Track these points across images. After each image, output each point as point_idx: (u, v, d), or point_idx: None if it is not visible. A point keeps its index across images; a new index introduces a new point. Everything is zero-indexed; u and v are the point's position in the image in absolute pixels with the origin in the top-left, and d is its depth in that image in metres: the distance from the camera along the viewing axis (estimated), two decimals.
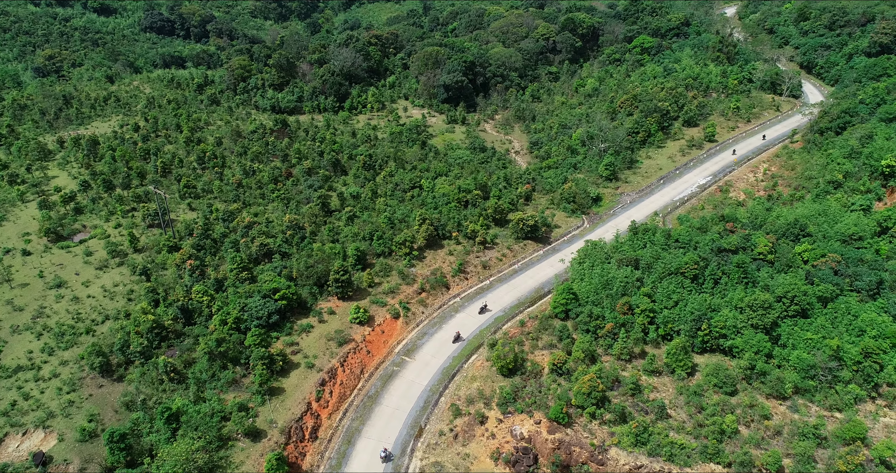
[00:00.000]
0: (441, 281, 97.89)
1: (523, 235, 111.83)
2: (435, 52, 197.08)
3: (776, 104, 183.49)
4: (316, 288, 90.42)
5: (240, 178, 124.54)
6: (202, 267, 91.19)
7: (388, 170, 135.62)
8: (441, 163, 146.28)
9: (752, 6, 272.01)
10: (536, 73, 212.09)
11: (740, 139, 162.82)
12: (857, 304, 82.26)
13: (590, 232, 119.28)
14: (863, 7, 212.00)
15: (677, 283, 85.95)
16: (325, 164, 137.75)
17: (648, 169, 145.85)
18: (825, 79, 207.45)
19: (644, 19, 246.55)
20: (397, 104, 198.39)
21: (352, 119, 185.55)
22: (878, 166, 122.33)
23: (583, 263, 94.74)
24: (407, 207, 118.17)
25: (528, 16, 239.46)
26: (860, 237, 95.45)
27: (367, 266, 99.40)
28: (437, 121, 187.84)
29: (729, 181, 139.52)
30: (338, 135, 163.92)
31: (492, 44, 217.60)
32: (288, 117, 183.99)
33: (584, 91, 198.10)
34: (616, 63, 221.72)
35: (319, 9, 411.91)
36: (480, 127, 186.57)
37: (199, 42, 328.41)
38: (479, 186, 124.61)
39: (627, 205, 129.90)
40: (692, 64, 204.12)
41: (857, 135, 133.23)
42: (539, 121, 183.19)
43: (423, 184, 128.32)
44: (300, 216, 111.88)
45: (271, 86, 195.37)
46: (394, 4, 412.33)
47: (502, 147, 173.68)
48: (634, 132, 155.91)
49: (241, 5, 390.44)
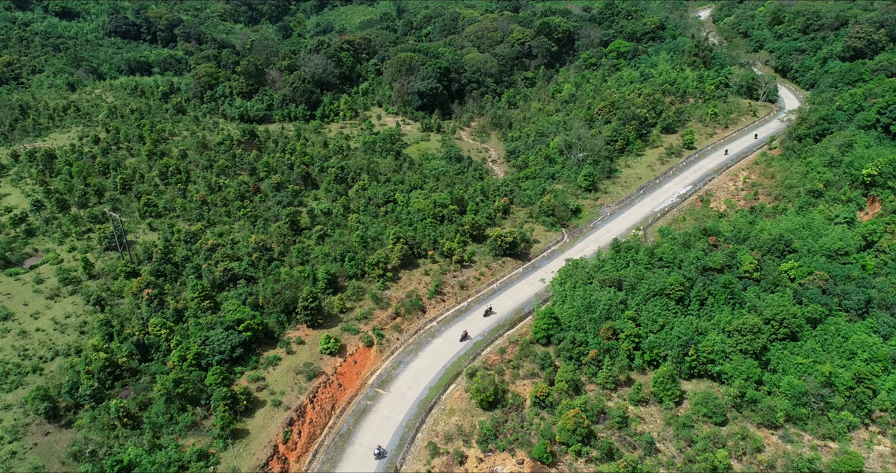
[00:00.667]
0: (417, 305, 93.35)
1: (502, 252, 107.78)
2: (409, 58, 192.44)
3: (753, 109, 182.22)
4: (284, 316, 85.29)
5: (204, 195, 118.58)
6: (161, 295, 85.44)
7: (360, 184, 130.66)
8: (416, 175, 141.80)
9: (725, 9, 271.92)
10: (512, 79, 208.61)
11: (719, 146, 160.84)
12: (846, 325, 79.63)
13: (570, 246, 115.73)
14: (836, 11, 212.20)
15: (662, 305, 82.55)
16: (295, 178, 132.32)
17: (628, 178, 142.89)
18: (800, 83, 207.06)
19: (619, 23, 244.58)
20: (371, 111, 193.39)
21: (324, 128, 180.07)
22: (859, 175, 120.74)
23: (564, 284, 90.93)
24: (380, 224, 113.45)
25: (503, 20, 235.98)
26: (846, 252, 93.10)
27: (339, 289, 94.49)
28: (411, 128, 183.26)
29: (709, 190, 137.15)
30: (309, 145, 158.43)
31: (467, 49, 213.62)
32: (257, 126, 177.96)
33: (560, 97, 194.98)
34: (592, 68, 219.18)
35: (291, 12, 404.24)
36: (456, 134, 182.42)
37: (167, 47, 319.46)
38: (456, 200, 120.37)
39: (607, 217, 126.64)
40: (669, 69, 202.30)
41: (837, 143, 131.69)
42: (516, 128, 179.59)
43: (397, 199, 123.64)
44: (268, 236, 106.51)
45: (239, 94, 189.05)
46: (367, 7, 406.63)
47: (479, 156, 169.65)
48: (613, 140, 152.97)
49: (210, 8, 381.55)
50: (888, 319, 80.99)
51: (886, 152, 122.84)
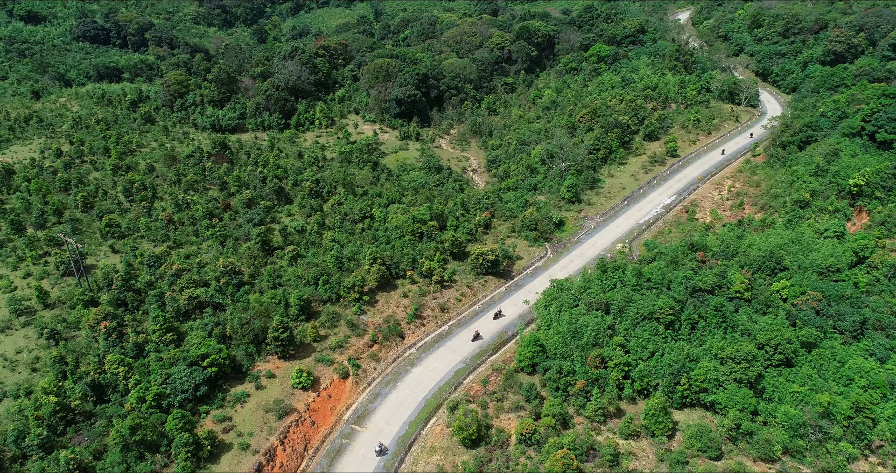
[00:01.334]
0: (395, 331, 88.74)
1: (484, 271, 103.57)
2: (386, 65, 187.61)
3: (735, 114, 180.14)
4: (253, 347, 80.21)
5: (171, 213, 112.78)
6: (120, 327, 79.86)
7: (336, 198, 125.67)
8: (394, 187, 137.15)
9: (705, 12, 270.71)
10: (492, 85, 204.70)
11: (702, 153, 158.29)
12: (841, 348, 76.59)
13: (554, 262, 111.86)
14: (815, 14, 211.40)
15: (652, 330, 78.86)
16: (268, 193, 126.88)
17: (611, 188, 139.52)
18: (781, 86, 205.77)
19: (599, 26, 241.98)
20: (347, 119, 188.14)
21: (298, 137, 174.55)
22: (846, 185, 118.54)
23: (549, 307, 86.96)
24: (357, 242, 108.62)
25: (482, 24, 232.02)
26: (837, 269, 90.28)
27: (313, 315, 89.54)
28: (389, 137, 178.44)
29: (694, 201, 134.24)
30: (283, 157, 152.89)
31: (445, 54, 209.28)
32: (229, 136, 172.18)
33: (541, 103, 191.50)
34: (573, 72, 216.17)
35: (266, 15, 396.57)
36: (435, 143, 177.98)
37: (138, 51, 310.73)
38: (435, 215, 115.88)
39: (592, 230, 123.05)
40: (650, 73, 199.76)
41: (822, 152, 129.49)
42: (496, 136, 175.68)
43: (374, 214, 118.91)
44: (237, 257, 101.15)
45: (211, 102, 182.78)
46: (344, 9, 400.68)
47: (459, 165, 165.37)
48: (595, 149, 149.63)
49: (182, 11, 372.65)
50: (883, 341, 78.18)
51: (872, 161, 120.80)
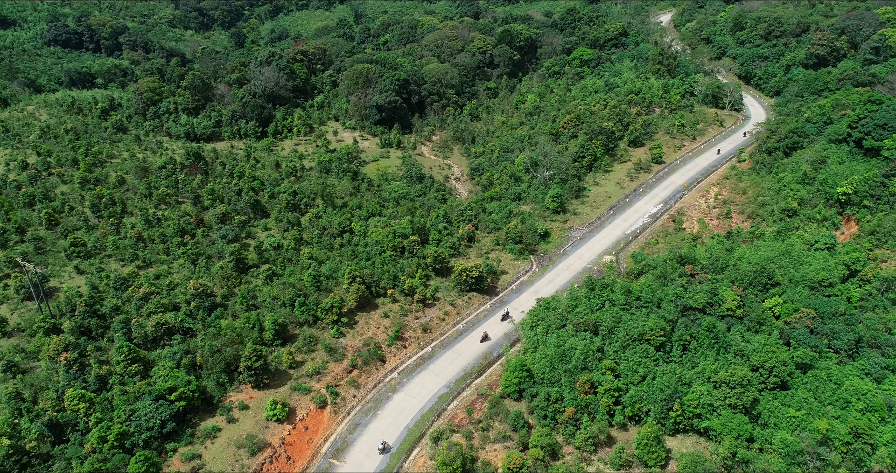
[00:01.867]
0: (375, 354, 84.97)
1: (467, 287, 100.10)
2: (365, 70, 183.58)
3: (719, 119, 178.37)
4: (225, 377, 76.05)
5: (140, 231, 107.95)
6: (82, 358, 75.28)
7: (314, 212, 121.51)
8: (375, 198, 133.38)
9: (686, 14, 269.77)
10: (474, 90, 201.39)
11: (688, 159, 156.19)
12: (837, 369, 74.12)
13: (539, 276, 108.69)
14: (797, 17, 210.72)
15: (642, 352, 75.88)
16: (243, 207, 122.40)
17: (597, 197, 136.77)
18: (764, 90, 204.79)
19: (582, 29, 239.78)
20: (327, 126, 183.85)
21: (276, 145, 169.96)
22: (834, 193, 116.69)
23: (535, 328, 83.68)
24: (335, 259, 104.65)
25: (464, 28, 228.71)
26: (830, 283, 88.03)
27: (289, 338, 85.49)
28: (370, 144, 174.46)
29: (681, 209, 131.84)
30: (259, 167, 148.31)
31: (426, 58, 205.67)
32: (204, 145, 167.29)
33: (524, 108, 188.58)
34: (556, 76, 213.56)
35: (244, 17, 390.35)
36: (417, 150, 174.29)
37: (112, 56, 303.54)
38: (417, 229, 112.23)
39: (577, 242, 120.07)
40: (633, 77, 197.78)
41: (809, 159, 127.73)
42: (479, 142, 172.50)
43: (354, 228, 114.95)
44: (210, 277, 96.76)
45: (185, 110, 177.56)
46: (324, 12, 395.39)
47: (441, 173, 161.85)
48: (580, 156, 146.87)
49: (158, 14, 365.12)
50: (879, 360, 75.86)
51: (860, 169, 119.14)
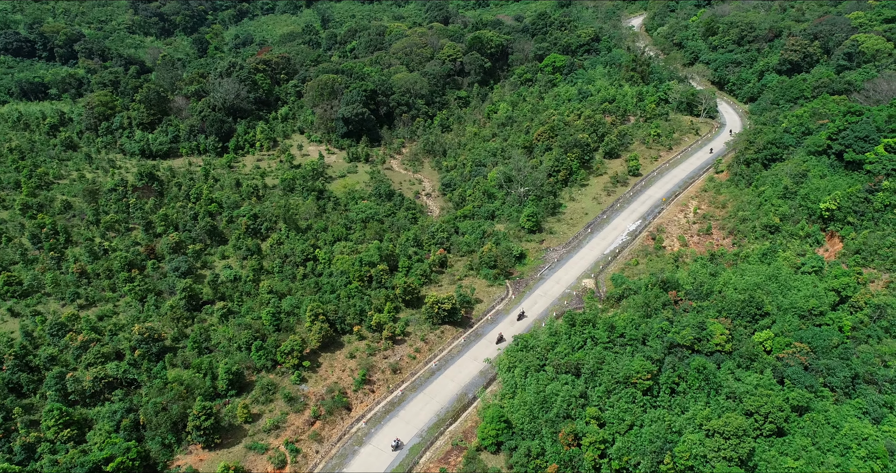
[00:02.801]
0: (340, 401, 78.13)
1: (440, 320, 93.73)
2: (331, 81, 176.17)
3: (695, 127, 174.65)
4: (172, 436, 68.58)
5: (84, 265, 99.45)
6: (8, 422, 67.14)
7: (276, 237, 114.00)
8: (341, 219, 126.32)
9: (658, 18, 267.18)
10: (445, 99, 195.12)
11: (665, 170, 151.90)
12: (834, 409, 69.43)
13: (516, 304, 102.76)
14: (769, 22, 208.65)
15: (629, 397, 70.33)
16: (199, 233, 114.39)
17: (574, 214, 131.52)
18: (738, 96, 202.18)
19: (553, 34, 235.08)
20: (291, 140, 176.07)
21: (238, 161, 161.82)
22: (816, 209, 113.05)
23: (513, 370, 77.66)
24: (298, 291, 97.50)
25: (433, 34, 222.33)
26: (820, 312, 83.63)
27: (245, 387, 78.28)
28: (336, 159, 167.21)
29: (660, 226, 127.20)
30: (218, 187, 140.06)
31: (395, 67, 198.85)
32: (161, 163, 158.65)
33: (496, 118, 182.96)
34: (528, 83, 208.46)
35: (208, 22, 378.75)
36: (386, 164, 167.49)
37: (66, 64, 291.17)
38: (385, 256, 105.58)
39: (555, 264, 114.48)
40: (607, 85, 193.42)
41: (789, 172, 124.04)
42: (450, 156, 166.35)
43: (318, 255, 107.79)
44: (159, 317, 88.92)
45: (140, 125, 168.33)
46: (290, 16, 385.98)
47: (412, 189, 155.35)
48: (555, 170, 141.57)
49: (116, 20, 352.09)
50: (877, 397, 71.50)
51: (842, 183, 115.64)
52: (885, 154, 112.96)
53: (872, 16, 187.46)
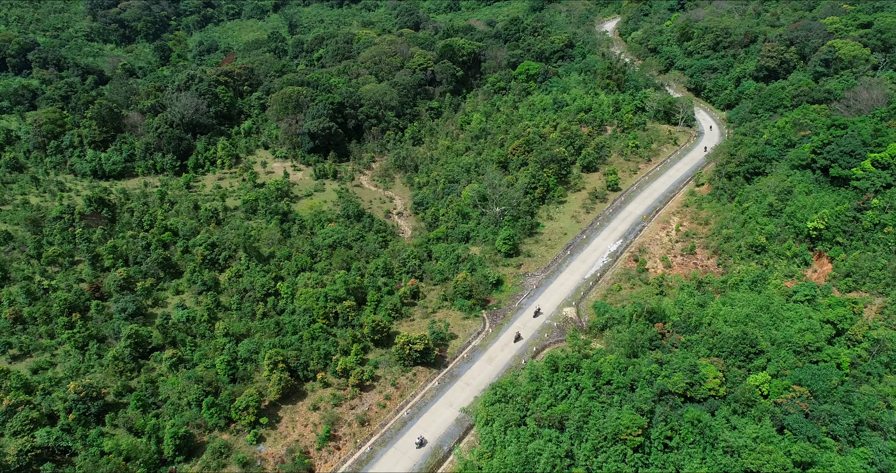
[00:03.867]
0: (301, 464, 70.75)
1: (412, 362, 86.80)
2: (296, 94, 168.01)
3: (673, 137, 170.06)
4: None
5: (18, 310, 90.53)
6: None
7: (235, 268, 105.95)
8: (306, 245, 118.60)
9: (631, 23, 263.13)
10: (416, 111, 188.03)
11: (644, 184, 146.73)
12: (839, 461, 63.98)
13: (493, 338, 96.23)
14: (744, 27, 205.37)
15: (618, 456, 64.17)
16: (151, 266, 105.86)
17: (552, 234, 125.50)
18: (715, 102, 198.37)
19: (527, 41, 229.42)
20: (255, 156, 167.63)
21: (197, 181, 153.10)
22: (803, 227, 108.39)
23: (491, 424, 70.99)
24: (257, 333, 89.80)
25: (402, 42, 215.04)
26: (817, 348, 78.41)
27: (196, 450, 70.51)
28: (303, 176, 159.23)
29: (642, 245, 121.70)
30: (174, 211, 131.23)
31: (363, 77, 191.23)
32: (115, 184, 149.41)
33: (470, 129, 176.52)
34: (502, 92, 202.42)
35: (171, 28, 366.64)
36: (356, 181, 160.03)
37: (20, 75, 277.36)
38: (353, 289, 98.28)
39: (534, 291, 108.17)
40: (582, 93, 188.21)
41: (773, 188, 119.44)
42: (422, 171, 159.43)
43: (280, 290, 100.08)
44: (102, 369, 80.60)
45: (92, 143, 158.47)
46: (256, 21, 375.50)
47: (382, 207, 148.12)
48: (531, 187, 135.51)
49: (74, 27, 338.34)
50: (882, 445, 66.27)
51: (829, 200, 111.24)
52: (872, 169, 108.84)
53: (847, 20, 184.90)
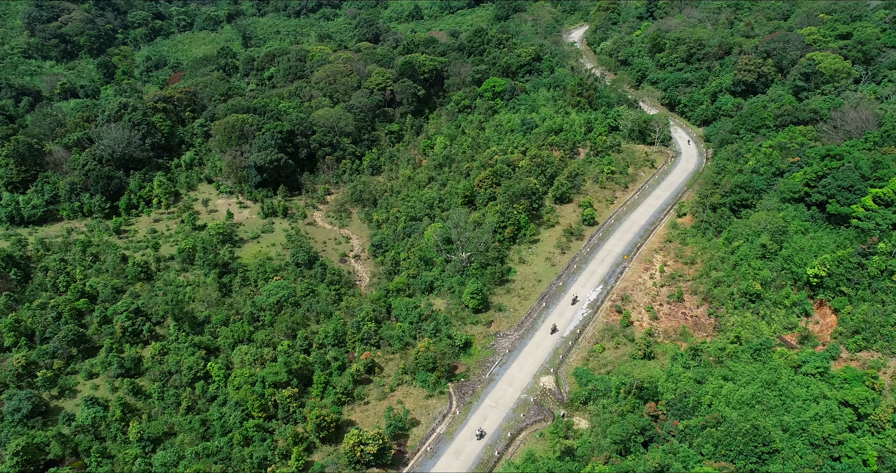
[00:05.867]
0: None
1: (364, 465, 73.18)
2: (240, 123, 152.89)
3: (650, 159, 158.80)
4: None
5: None
6: None
7: (160, 345, 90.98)
8: (248, 305, 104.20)
9: (600, 32, 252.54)
10: (374, 135, 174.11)
11: (622, 215, 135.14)
12: None
13: (461, 422, 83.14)
14: (718, 38, 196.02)
15: None
16: (60, 344, 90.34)
17: (525, 282, 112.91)
18: (690, 118, 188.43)
19: (492, 54, 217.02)
20: (198, 191, 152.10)
21: (130, 224, 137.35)
22: (802, 273, 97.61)
23: None
24: (180, 435, 75.23)
25: (359, 60, 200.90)
26: (839, 441, 66.88)
27: None
28: (250, 214, 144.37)
29: (624, 292, 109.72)
30: (98, 267, 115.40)
31: (316, 100, 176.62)
32: (35, 230, 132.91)
33: (433, 155, 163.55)
34: (466, 111, 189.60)
35: (117, 42, 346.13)
36: (308, 218, 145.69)
37: None
38: (296, 372, 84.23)
39: (506, 356, 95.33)
40: (552, 112, 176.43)
41: (765, 225, 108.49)
42: (381, 206, 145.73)
43: (211, 371, 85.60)
44: None
45: (8, 185, 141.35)
46: (209, 33, 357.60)
47: (337, 250, 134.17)
48: (501, 226, 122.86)
49: (10, 44, 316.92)
50: None
51: (829, 241, 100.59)
52: (874, 207, 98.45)
53: (826, 31, 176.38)
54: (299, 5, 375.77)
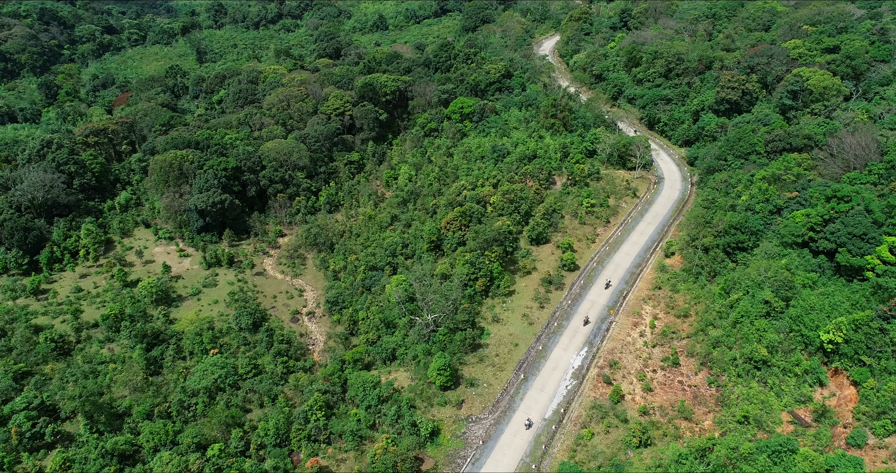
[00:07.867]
0: None
1: None
2: (178, 160, 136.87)
3: (632, 188, 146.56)
4: None
5: None
6: None
7: (60, 459, 75.20)
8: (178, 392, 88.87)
9: (572, 43, 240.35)
10: (332, 167, 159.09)
11: (605, 256, 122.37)
12: None
13: None
14: (697, 52, 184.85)
15: None
16: None
17: (500, 346, 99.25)
18: (671, 138, 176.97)
19: (459, 70, 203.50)
20: (134, 237, 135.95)
21: (52, 282, 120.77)
22: (814, 337, 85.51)
23: None
24: None
25: (315, 82, 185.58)
26: None
27: None
28: (191, 264, 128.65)
29: (613, 358, 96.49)
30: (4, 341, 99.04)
31: (268, 128, 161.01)
32: None
33: (396, 188, 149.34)
34: (433, 134, 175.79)
35: (63, 59, 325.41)
36: (258, 267, 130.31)
37: None
38: None
39: (480, 448, 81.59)
40: (524, 136, 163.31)
41: (767, 277, 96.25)
42: (338, 252, 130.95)
43: None
44: None
45: None
46: (162, 48, 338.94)
47: (289, 306, 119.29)
48: (472, 279, 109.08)
49: None
50: None
51: (842, 299, 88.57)
52: (891, 259, 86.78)
53: (811, 45, 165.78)
54: (258, 16, 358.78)
